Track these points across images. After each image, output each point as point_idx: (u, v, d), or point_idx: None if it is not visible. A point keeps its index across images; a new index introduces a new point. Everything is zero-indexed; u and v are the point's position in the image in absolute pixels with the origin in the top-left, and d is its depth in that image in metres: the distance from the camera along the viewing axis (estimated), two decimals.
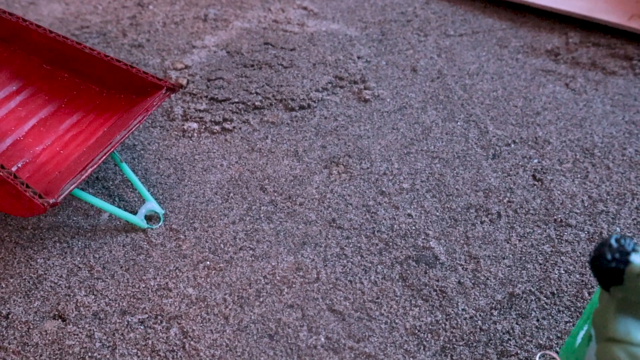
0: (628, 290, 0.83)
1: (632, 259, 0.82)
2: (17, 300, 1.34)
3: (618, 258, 0.82)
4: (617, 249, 0.83)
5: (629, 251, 0.82)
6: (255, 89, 1.85)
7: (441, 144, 1.70)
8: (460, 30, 2.10)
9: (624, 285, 0.83)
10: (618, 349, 0.83)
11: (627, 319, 0.85)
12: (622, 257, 0.82)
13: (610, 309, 0.87)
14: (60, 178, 1.33)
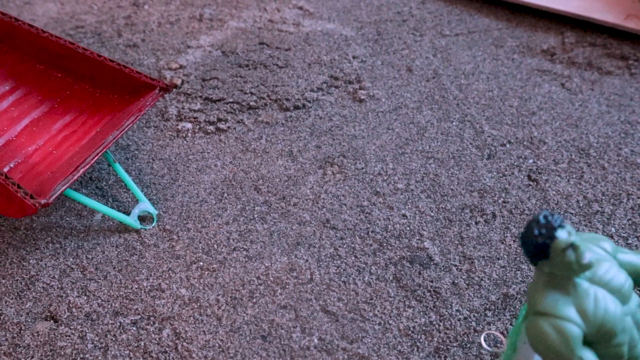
0: (554, 264, 0.86)
1: (558, 234, 0.84)
2: (9, 301, 1.33)
3: (545, 234, 0.85)
4: (544, 225, 0.85)
5: (555, 227, 0.85)
6: (250, 89, 1.84)
7: (436, 144, 1.70)
8: (456, 30, 2.10)
9: (550, 260, 0.86)
10: (544, 321, 0.85)
11: (554, 293, 0.87)
12: (548, 232, 0.84)
13: (539, 283, 0.90)
14: (53, 178, 1.32)
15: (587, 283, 0.88)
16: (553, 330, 0.85)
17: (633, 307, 0.91)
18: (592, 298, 0.87)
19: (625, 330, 0.88)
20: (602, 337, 0.87)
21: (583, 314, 0.86)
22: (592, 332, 0.86)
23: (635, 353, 0.91)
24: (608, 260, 0.92)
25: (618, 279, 0.89)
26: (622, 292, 0.89)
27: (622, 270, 0.91)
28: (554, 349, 0.84)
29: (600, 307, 0.86)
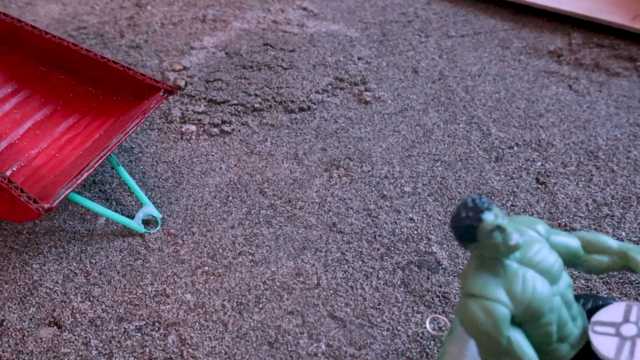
0: (482, 246, 0.88)
1: (484, 216, 0.86)
2: (12, 307, 1.31)
3: (472, 216, 0.86)
4: (471, 208, 0.87)
5: (482, 210, 0.86)
6: (254, 91, 1.82)
7: (443, 147, 1.68)
8: (461, 31, 2.08)
9: (478, 242, 0.87)
10: (473, 303, 0.88)
11: (483, 275, 0.89)
12: (475, 215, 0.86)
13: (471, 266, 0.92)
14: (56, 182, 1.31)
15: (517, 264, 0.90)
16: (481, 311, 0.87)
17: (562, 287, 0.93)
18: (520, 279, 0.88)
19: (553, 310, 0.90)
20: (531, 317, 0.89)
21: (511, 295, 0.88)
22: (520, 312, 0.88)
23: (565, 332, 0.93)
24: (539, 242, 0.93)
25: (548, 260, 0.91)
26: (552, 273, 0.91)
27: (552, 252, 0.93)
28: (482, 330, 0.87)
29: (528, 288, 0.88)
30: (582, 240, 1.00)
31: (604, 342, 0.90)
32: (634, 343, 0.88)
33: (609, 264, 0.99)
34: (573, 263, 1.00)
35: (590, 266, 1.00)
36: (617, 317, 0.92)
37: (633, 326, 0.90)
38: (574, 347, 0.95)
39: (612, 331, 0.91)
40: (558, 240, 0.97)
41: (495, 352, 0.88)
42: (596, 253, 1.00)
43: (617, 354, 0.88)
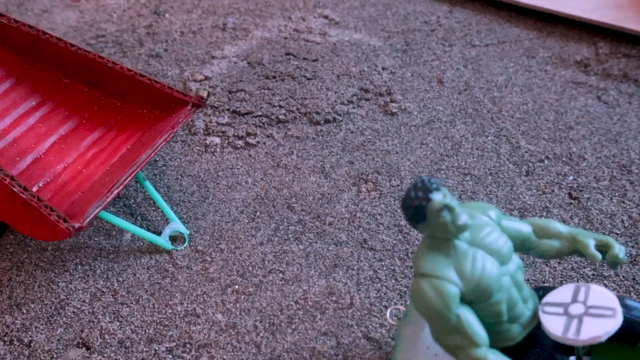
0: (432, 226, 0.90)
1: (433, 196, 0.89)
2: (39, 327, 1.28)
3: (421, 196, 0.89)
4: (420, 188, 0.90)
5: (431, 189, 0.89)
6: (278, 102, 1.79)
7: (472, 160, 1.65)
8: (485, 40, 2.05)
9: (428, 222, 0.90)
10: (424, 281, 0.90)
11: (434, 255, 0.92)
12: (424, 195, 0.89)
13: (422, 247, 0.94)
14: (84, 199, 1.27)
15: (467, 245, 0.93)
16: (431, 289, 0.89)
17: (512, 269, 0.95)
18: (470, 259, 0.91)
19: (502, 289, 0.92)
20: (480, 296, 0.91)
21: (461, 274, 0.90)
22: (469, 290, 0.90)
23: (516, 313, 0.95)
24: (490, 225, 0.96)
25: (497, 242, 0.94)
26: (501, 254, 0.94)
27: (503, 235, 0.96)
28: (432, 307, 0.89)
29: (477, 267, 0.90)
30: (534, 226, 1.03)
31: (552, 321, 0.92)
32: (581, 321, 0.90)
33: (559, 248, 1.02)
34: (525, 248, 1.03)
35: (542, 251, 1.03)
36: (566, 298, 0.95)
37: (581, 305, 0.93)
38: (525, 328, 0.97)
39: (560, 311, 0.94)
40: (509, 225, 1.00)
41: (445, 330, 0.90)
42: (547, 238, 1.02)
43: (565, 332, 0.90)
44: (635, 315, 0.95)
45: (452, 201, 0.89)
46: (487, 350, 0.90)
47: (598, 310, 0.91)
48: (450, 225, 0.89)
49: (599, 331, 0.88)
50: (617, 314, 0.90)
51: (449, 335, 0.90)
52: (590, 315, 0.91)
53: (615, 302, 0.91)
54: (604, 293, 0.93)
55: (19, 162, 1.36)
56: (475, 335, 0.90)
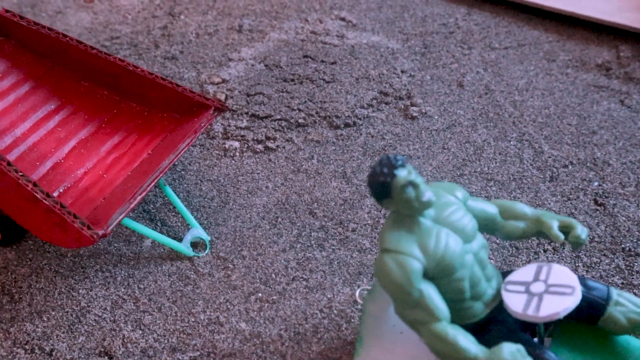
0: (397, 202, 0.92)
1: (398, 172, 0.90)
2: (61, 335, 1.26)
3: (386, 172, 0.91)
4: (386, 165, 0.92)
5: (396, 166, 0.91)
6: (297, 105, 1.77)
7: (495, 165, 1.62)
8: (505, 43, 2.02)
9: (393, 198, 0.92)
10: (388, 257, 0.92)
11: (399, 231, 0.94)
12: (389, 171, 0.91)
13: (388, 223, 0.96)
14: (107, 205, 1.25)
15: (431, 222, 0.95)
16: (395, 264, 0.91)
17: (475, 247, 0.97)
18: (434, 236, 0.93)
19: (465, 266, 0.94)
20: (443, 272, 0.93)
21: (424, 250, 0.92)
22: (432, 266, 0.92)
23: (479, 290, 0.97)
24: (455, 204, 0.98)
25: (462, 221, 0.96)
26: (465, 232, 0.96)
27: (468, 214, 0.98)
28: (395, 282, 0.90)
29: (440, 244, 0.92)
30: (500, 207, 1.05)
31: (514, 299, 0.94)
32: (541, 299, 0.92)
33: (524, 229, 1.04)
34: (491, 229, 1.05)
35: (507, 231, 1.05)
36: (528, 277, 0.97)
37: (542, 284, 0.95)
38: (488, 306, 0.99)
39: (522, 289, 0.95)
40: (476, 205, 1.03)
41: (407, 305, 0.91)
42: (513, 219, 1.05)
43: (525, 309, 0.92)
44: (595, 295, 0.99)
45: (417, 178, 0.91)
46: (448, 325, 0.92)
47: (558, 289, 0.93)
48: (415, 201, 0.91)
49: (557, 308, 0.90)
50: (576, 292, 0.92)
51: (411, 309, 0.92)
52: (551, 293, 0.93)
53: (574, 281, 0.93)
54: (564, 272, 0.95)
55: (39, 167, 1.34)
56: (436, 310, 0.91)
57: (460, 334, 0.91)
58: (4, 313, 1.29)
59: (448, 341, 0.90)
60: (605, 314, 0.99)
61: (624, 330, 1.00)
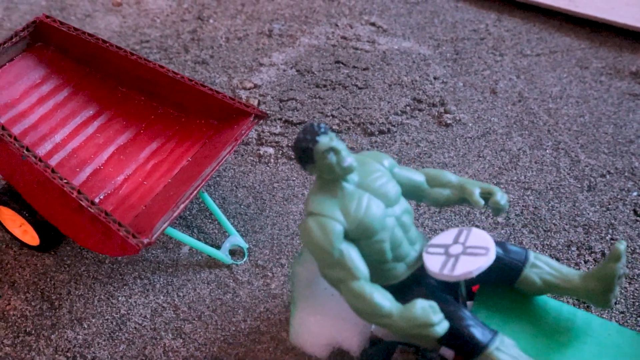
0: (319, 167, 0.97)
1: (320, 139, 0.95)
2: (102, 343, 1.25)
3: (309, 138, 0.95)
4: (309, 131, 0.96)
5: (319, 133, 0.96)
6: (330, 111, 1.76)
7: (531, 174, 1.61)
8: (537, 50, 2.00)
9: (315, 163, 0.97)
10: (311, 219, 0.97)
11: (322, 195, 0.98)
12: (312, 137, 0.95)
13: (313, 188, 1.01)
14: (149, 213, 1.25)
15: (354, 187, 0.99)
16: (317, 226, 0.96)
17: (398, 211, 1.01)
18: (355, 200, 0.97)
19: (385, 229, 0.99)
20: (363, 234, 0.97)
21: (346, 213, 0.96)
22: (353, 228, 0.96)
23: (401, 253, 1.02)
24: (380, 171, 1.03)
25: (385, 186, 1.01)
26: (388, 197, 1.00)
27: (392, 181, 1.02)
28: (317, 243, 0.95)
29: (361, 207, 0.97)
30: (427, 175, 1.10)
31: (432, 260, 0.99)
32: (457, 259, 0.97)
33: (448, 196, 1.09)
34: (419, 195, 1.10)
35: (433, 198, 1.10)
36: (449, 240, 1.02)
37: (460, 246, 1.00)
38: (410, 267, 1.03)
39: (441, 251, 1.01)
40: (402, 173, 1.08)
41: (328, 264, 0.96)
42: (439, 187, 1.10)
43: (442, 269, 0.97)
44: (513, 258, 1.04)
45: (339, 144, 0.96)
46: (366, 283, 0.96)
47: (474, 250, 0.98)
48: (336, 166, 0.96)
49: (471, 267, 0.95)
50: (490, 253, 0.96)
51: (332, 269, 0.96)
52: (467, 254, 0.98)
53: (490, 243, 0.98)
54: (482, 235, 1.00)
55: (79, 174, 1.33)
56: (355, 269, 0.95)
57: (377, 292, 0.95)
58: (45, 320, 1.29)
59: (365, 298, 0.94)
60: (522, 275, 1.04)
61: (539, 291, 1.05)
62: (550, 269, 1.04)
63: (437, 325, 0.92)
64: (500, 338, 0.96)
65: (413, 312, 0.92)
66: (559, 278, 1.04)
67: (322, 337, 1.12)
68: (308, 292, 1.11)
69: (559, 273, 1.04)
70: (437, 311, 0.93)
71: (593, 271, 1.03)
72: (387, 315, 0.93)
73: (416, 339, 0.94)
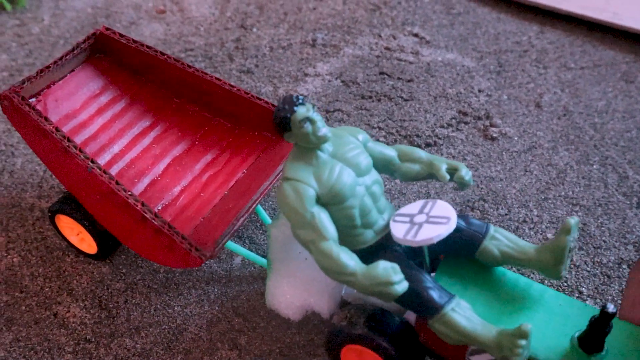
0: (295, 135, 1.04)
1: (297, 109, 1.03)
2: (159, 352, 1.27)
3: (287, 108, 1.03)
4: (287, 102, 1.04)
5: (297, 104, 1.03)
6: (377, 123, 1.77)
7: (579, 190, 1.61)
8: (580, 63, 2.00)
9: (293, 132, 1.04)
10: (286, 184, 1.04)
11: (298, 162, 1.06)
12: (289, 107, 1.03)
13: (291, 155, 1.08)
14: (207, 225, 1.26)
15: (328, 156, 1.07)
16: (291, 190, 1.04)
17: (369, 181, 1.09)
18: (328, 168, 1.05)
19: (355, 196, 1.06)
20: (334, 199, 1.04)
21: (318, 179, 1.04)
22: (324, 194, 1.04)
23: (370, 220, 1.09)
24: (354, 144, 1.10)
25: (358, 158, 1.08)
26: (360, 167, 1.08)
27: (365, 153, 1.10)
28: (290, 205, 1.03)
29: (333, 175, 1.04)
30: (399, 151, 1.18)
31: (398, 227, 1.07)
32: (420, 227, 1.05)
33: (418, 171, 1.17)
34: (390, 170, 1.18)
35: (403, 173, 1.17)
36: (414, 210, 1.10)
37: (424, 215, 1.07)
38: (378, 234, 1.11)
39: (407, 220, 1.08)
40: (375, 148, 1.15)
41: (300, 225, 1.03)
42: (409, 162, 1.17)
43: (405, 235, 1.05)
44: (474, 230, 1.11)
45: (315, 115, 1.03)
46: (334, 244, 1.02)
47: (436, 219, 1.05)
48: (311, 135, 1.03)
49: (432, 234, 1.02)
50: (451, 222, 1.04)
51: (303, 229, 1.03)
52: (430, 222, 1.05)
53: (451, 213, 1.06)
54: (445, 206, 1.08)
55: (137, 184, 1.35)
56: (324, 230, 1.02)
57: (344, 252, 1.02)
58: (104, 328, 1.31)
59: (332, 257, 1.01)
60: (481, 246, 1.10)
61: (496, 261, 1.11)
62: (508, 242, 1.11)
63: (397, 284, 0.99)
64: (456, 301, 1.02)
65: (376, 271, 0.99)
66: (516, 250, 1.10)
67: (295, 299, 1.20)
68: (283, 254, 1.19)
69: (516, 245, 1.10)
70: (397, 272, 0.99)
71: (546, 244, 1.09)
72: (352, 273, 1.00)
73: (378, 296, 1.00)
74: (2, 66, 1.98)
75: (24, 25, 2.15)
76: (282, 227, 1.18)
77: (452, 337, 1.02)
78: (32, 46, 2.06)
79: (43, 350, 1.27)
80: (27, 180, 1.62)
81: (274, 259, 1.20)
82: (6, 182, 1.61)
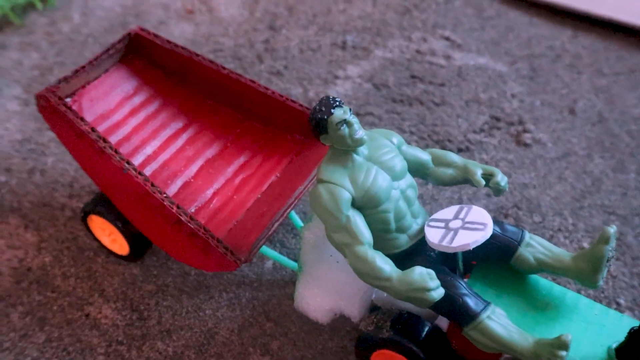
0: (332, 138, 1.04)
1: (334, 111, 1.02)
2: (191, 355, 1.27)
3: (324, 110, 1.02)
4: (324, 104, 1.03)
5: (334, 106, 1.03)
6: (409, 127, 1.75)
7: (615, 198, 1.58)
8: (615, 69, 1.97)
9: (329, 134, 1.03)
10: (321, 186, 1.04)
11: (334, 165, 1.06)
12: (326, 109, 1.02)
13: (326, 157, 1.08)
14: (241, 229, 1.25)
15: (363, 159, 1.07)
16: (327, 192, 1.03)
17: (403, 185, 1.09)
18: (364, 171, 1.05)
19: (390, 200, 1.06)
20: (369, 203, 1.04)
21: (354, 183, 1.04)
22: (359, 197, 1.03)
23: (404, 224, 1.09)
24: (389, 147, 1.10)
25: (393, 161, 1.08)
26: (394, 171, 1.07)
27: (399, 156, 1.10)
28: (325, 208, 1.03)
29: (369, 178, 1.04)
30: (433, 155, 1.17)
31: (433, 233, 1.07)
32: (456, 233, 1.04)
33: (452, 175, 1.16)
34: (423, 173, 1.17)
35: (437, 177, 1.16)
36: (450, 215, 1.09)
37: (459, 221, 1.07)
38: (412, 239, 1.11)
39: (442, 225, 1.08)
40: (409, 151, 1.15)
41: (335, 228, 1.03)
42: (443, 166, 1.16)
43: (441, 240, 1.04)
44: (509, 237, 1.10)
45: (352, 118, 1.03)
46: (369, 248, 1.02)
47: (472, 225, 1.05)
48: (348, 138, 1.02)
49: (468, 240, 1.01)
50: (487, 229, 1.03)
51: (338, 233, 1.03)
52: (465, 228, 1.04)
53: (488, 219, 1.05)
54: (481, 212, 1.07)
55: (170, 186, 1.35)
56: (360, 234, 1.02)
57: (379, 257, 1.02)
58: (135, 330, 1.31)
59: (368, 262, 1.01)
60: (517, 253, 1.09)
61: (532, 269, 1.10)
62: (543, 249, 1.09)
63: (433, 290, 0.98)
64: (491, 308, 1.02)
65: (412, 276, 0.98)
66: (552, 257, 1.08)
67: (325, 301, 1.19)
68: (315, 257, 1.18)
69: (552, 253, 1.09)
70: (434, 278, 0.99)
71: (583, 252, 1.07)
72: (387, 278, 1.00)
73: (413, 302, 0.99)
74: (32, 64, 1.99)
75: (54, 23, 2.15)
76: (315, 230, 1.17)
77: (488, 345, 1.00)
78: (62, 45, 2.07)
79: (75, 352, 1.27)
80: (57, 180, 1.62)
81: (306, 261, 1.19)
82: (37, 181, 1.61)
